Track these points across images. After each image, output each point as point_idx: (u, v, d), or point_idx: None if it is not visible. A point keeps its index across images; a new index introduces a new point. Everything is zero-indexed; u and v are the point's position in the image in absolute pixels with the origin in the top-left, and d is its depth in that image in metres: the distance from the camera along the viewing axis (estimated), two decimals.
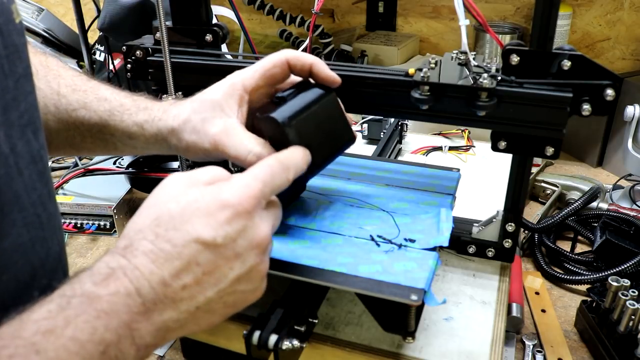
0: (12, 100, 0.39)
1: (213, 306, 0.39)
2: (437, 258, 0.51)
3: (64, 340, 0.32)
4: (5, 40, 0.38)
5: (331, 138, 0.52)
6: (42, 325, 0.32)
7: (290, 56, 0.52)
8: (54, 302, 0.34)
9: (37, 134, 0.43)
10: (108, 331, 0.34)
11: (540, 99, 0.51)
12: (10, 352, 0.31)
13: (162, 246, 0.37)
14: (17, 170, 0.39)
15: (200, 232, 0.38)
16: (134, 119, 0.55)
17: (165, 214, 0.39)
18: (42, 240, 0.43)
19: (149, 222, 0.39)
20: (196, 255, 0.37)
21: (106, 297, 0.35)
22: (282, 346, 0.48)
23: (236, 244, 0.39)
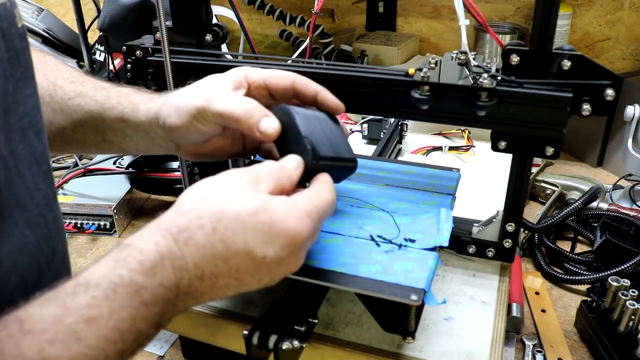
0: (12, 104, 0.39)
1: (228, 294, 0.41)
2: (437, 258, 0.51)
3: (106, 331, 0.33)
4: (7, 44, 0.39)
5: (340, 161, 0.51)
6: (85, 313, 0.33)
7: (298, 80, 0.52)
8: (100, 287, 0.34)
9: (39, 135, 0.43)
10: (143, 322, 0.35)
11: (540, 99, 0.51)
12: (51, 337, 0.31)
13: (216, 244, 0.38)
14: (17, 173, 0.39)
15: (254, 247, 0.39)
16: (130, 99, 0.55)
17: (231, 212, 0.39)
18: (49, 240, 0.43)
19: (212, 212, 0.39)
20: (240, 263, 0.39)
21: (151, 289, 0.36)
22: (282, 346, 0.48)
23: (278, 265, 0.40)
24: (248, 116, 0.47)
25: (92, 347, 0.32)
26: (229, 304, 0.60)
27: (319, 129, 0.49)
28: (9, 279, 0.38)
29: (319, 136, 0.48)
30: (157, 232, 0.38)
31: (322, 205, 0.43)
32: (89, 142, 0.57)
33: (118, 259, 0.36)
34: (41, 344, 0.31)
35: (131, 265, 0.36)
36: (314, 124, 0.50)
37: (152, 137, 0.54)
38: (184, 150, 0.54)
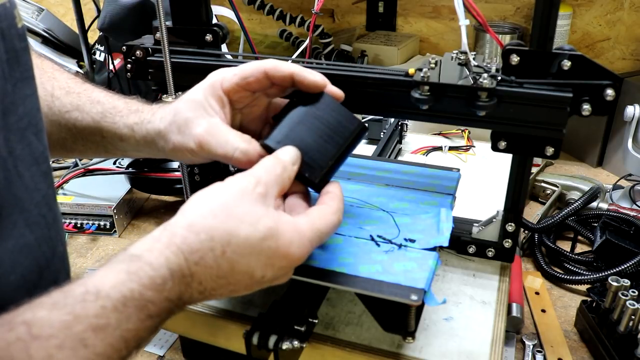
0: (11, 104, 0.39)
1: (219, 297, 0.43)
2: (437, 258, 0.51)
3: (113, 340, 0.34)
4: (7, 45, 0.39)
5: (334, 138, 0.50)
6: (93, 322, 0.33)
7: (269, 67, 0.50)
8: (110, 298, 0.35)
9: (39, 136, 0.43)
10: (146, 331, 0.37)
11: (540, 99, 0.51)
12: (59, 343, 0.32)
13: (223, 265, 0.40)
14: (16, 173, 0.39)
15: (255, 269, 0.41)
16: (125, 121, 0.55)
17: (241, 237, 0.41)
18: (49, 239, 0.43)
19: (222, 234, 0.40)
20: (239, 280, 0.42)
21: (157, 303, 0.37)
22: (282, 346, 0.48)
23: (271, 281, 0.43)
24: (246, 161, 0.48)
25: (98, 354, 0.33)
26: (228, 304, 0.60)
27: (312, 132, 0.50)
28: (8, 278, 0.38)
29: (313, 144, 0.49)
30: (169, 247, 0.39)
31: (325, 229, 0.45)
32: (91, 152, 0.59)
33: (129, 272, 0.37)
34: (49, 350, 0.31)
35: (142, 281, 0.37)
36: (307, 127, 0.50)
37: (154, 154, 0.56)
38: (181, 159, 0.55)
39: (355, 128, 0.51)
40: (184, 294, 0.39)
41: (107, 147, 0.57)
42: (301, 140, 0.49)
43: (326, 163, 0.49)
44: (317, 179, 0.49)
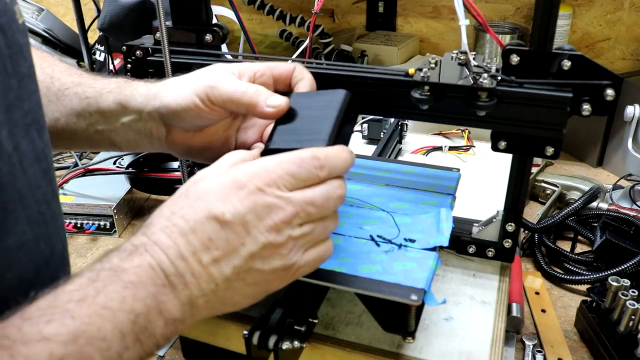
0: (16, 100, 0.39)
1: (233, 284, 0.40)
2: (437, 258, 0.51)
3: (97, 308, 0.34)
4: (8, 40, 0.39)
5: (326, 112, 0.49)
6: (74, 295, 0.34)
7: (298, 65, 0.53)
8: (85, 276, 0.36)
9: (41, 133, 0.43)
10: (136, 301, 0.36)
11: (540, 99, 0.51)
12: (47, 319, 0.33)
13: (176, 221, 0.39)
14: (20, 169, 0.40)
15: (210, 208, 0.39)
16: (130, 83, 0.55)
17: (183, 194, 0.41)
18: (47, 238, 0.43)
19: (168, 203, 0.41)
20: (208, 231, 0.38)
21: (131, 269, 0.37)
22: (282, 346, 0.48)
23: (245, 220, 0.39)
24: (257, 94, 0.48)
25: (87, 324, 0.33)
26: None
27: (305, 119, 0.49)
28: (4, 276, 0.38)
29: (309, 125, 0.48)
30: (133, 236, 0.40)
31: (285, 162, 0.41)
32: (79, 133, 0.56)
33: (100, 259, 0.38)
34: (40, 325, 0.32)
35: (110, 258, 0.38)
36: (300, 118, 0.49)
37: (145, 121, 0.53)
38: (174, 138, 0.54)
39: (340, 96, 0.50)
40: (161, 263, 0.37)
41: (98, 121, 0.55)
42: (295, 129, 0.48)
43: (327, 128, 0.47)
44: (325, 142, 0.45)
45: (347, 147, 0.45)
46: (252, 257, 0.39)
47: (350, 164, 0.44)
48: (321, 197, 0.41)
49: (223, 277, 0.39)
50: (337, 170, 0.43)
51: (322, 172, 0.42)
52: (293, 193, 0.40)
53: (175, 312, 0.38)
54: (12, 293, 0.39)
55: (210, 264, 0.39)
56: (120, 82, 0.56)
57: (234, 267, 0.39)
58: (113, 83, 0.56)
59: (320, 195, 0.41)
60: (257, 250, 0.39)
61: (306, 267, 0.43)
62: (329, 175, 0.42)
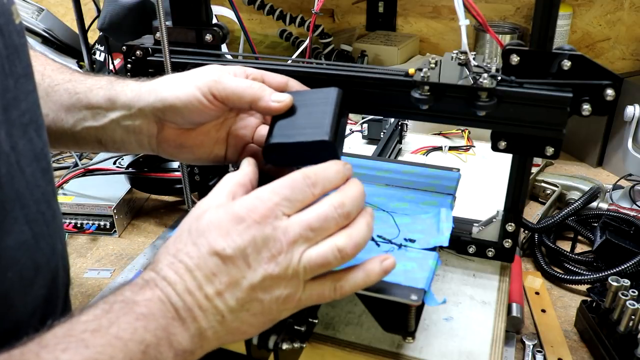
0: (13, 100, 0.39)
1: (239, 315, 0.41)
2: (437, 258, 0.51)
3: (109, 338, 0.35)
4: (5, 40, 0.39)
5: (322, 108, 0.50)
6: (89, 326, 0.36)
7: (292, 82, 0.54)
8: (99, 307, 0.37)
9: (39, 132, 0.43)
10: (147, 332, 0.37)
11: (540, 99, 0.51)
12: (63, 347, 0.34)
13: (182, 258, 0.40)
14: (18, 169, 0.40)
15: (212, 244, 0.40)
16: (122, 80, 0.55)
17: (185, 231, 0.42)
18: (47, 237, 0.43)
19: (172, 241, 0.42)
20: (211, 266, 0.40)
21: (143, 302, 0.38)
22: (282, 346, 0.48)
23: (245, 254, 0.40)
24: (262, 89, 0.49)
25: (100, 353, 0.34)
26: None
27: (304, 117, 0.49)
28: (5, 275, 0.38)
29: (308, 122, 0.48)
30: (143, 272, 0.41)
31: (279, 187, 0.41)
32: (66, 130, 0.56)
33: (113, 291, 0.40)
34: (56, 353, 0.34)
35: (123, 291, 0.39)
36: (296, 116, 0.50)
37: (135, 117, 0.53)
38: (165, 136, 0.53)
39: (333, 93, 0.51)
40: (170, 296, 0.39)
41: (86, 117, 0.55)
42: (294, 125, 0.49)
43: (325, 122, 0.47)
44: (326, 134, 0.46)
45: (338, 160, 0.45)
46: (253, 288, 0.40)
47: (344, 175, 0.44)
48: (317, 219, 0.41)
49: (228, 309, 0.40)
50: (331, 183, 0.43)
51: (316, 190, 0.42)
52: (290, 220, 0.41)
53: (185, 343, 0.39)
54: (12, 292, 0.39)
55: (215, 296, 0.40)
56: (112, 79, 0.56)
57: (237, 299, 0.40)
58: (104, 80, 0.56)
59: (317, 218, 0.41)
60: (257, 282, 0.40)
61: (309, 301, 0.43)
62: (325, 190, 0.43)
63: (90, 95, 0.54)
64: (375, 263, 0.43)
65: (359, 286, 0.43)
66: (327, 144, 0.46)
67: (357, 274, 0.43)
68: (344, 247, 0.41)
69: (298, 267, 0.41)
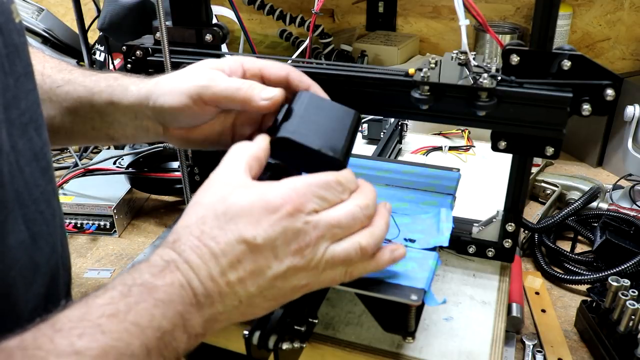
0: (13, 99, 0.40)
1: (254, 300, 0.41)
2: (437, 258, 0.51)
3: (127, 325, 0.35)
4: (5, 39, 0.39)
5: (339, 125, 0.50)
6: (106, 310, 0.35)
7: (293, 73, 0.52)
8: (116, 289, 0.36)
9: (39, 131, 0.43)
10: (165, 319, 0.36)
11: (540, 99, 0.51)
12: (79, 332, 0.33)
13: (208, 243, 0.39)
14: (17, 168, 0.40)
15: (242, 232, 0.39)
16: (120, 81, 0.55)
17: (211, 212, 0.40)
18: (47, 236, 0.43)
19: (195, 220, 0.40)
20: (238, 254, 0.39)
21: (163, 287, 0.37)
22: (282, 346, 0.48)
23: (275, 244, 0.40)
24: (251, 89, 0.48)
25: (117, 339, 0.34)
26: None
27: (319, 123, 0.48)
28: (9, 273, 0.39)
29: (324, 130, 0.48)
30: (159, 248, 0.40)
31: (314, 182, 0.42)
32: (76, 131, 0.57)
33: (131, 270, 0.38)
34: (71, 338, 0.33)
35: (141, 271, 0.38)
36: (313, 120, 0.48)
37: (141, 119, 0.54)
38: (171, 134, 0.54)
39: (354, 116, 0.51)
40: (191, 281, 0.38)
41: (94, 119, 0.55)
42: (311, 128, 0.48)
43: (342, 142, 0.48)
44: (340, 156, 0.47)
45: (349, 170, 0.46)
46: (275, 278, 0.40)
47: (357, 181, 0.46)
48: (346, 218, 0.42)
49: (247, 295, 0.40)
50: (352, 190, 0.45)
51: (344, 195, 0.44)
52: (320, 215, 0.41)
53: (199, 328, 0.39)
54: (15, 290, 0.39)
55: (236, 283, 0.39)
56: (110, 79, 0.55)
57: (258, 286, 0.40)
58: (102, 81, 0.55)
59: (345, 216, 0.42)
60: (281, 273, 0.40)
61: (321, 286, 0.44)
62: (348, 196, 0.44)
63: (92, 99, 0.55)
64: (386, 252, 0.45)
65: (368, 271, 0.45)
66: (339, 164, 0.47)
67: (369, 262, 0.44)
68: (366, 245, 0.43)
69: (321, 260, 0.41)
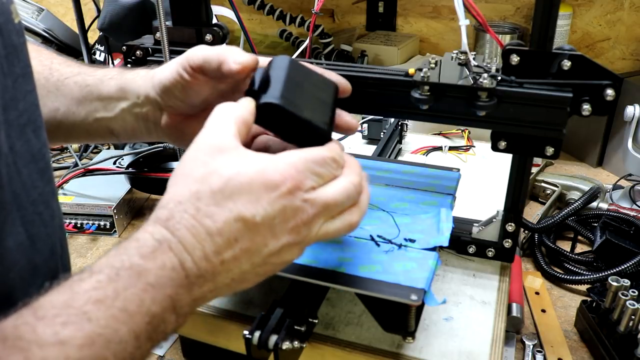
0: (11, 100, 0.39)
1: (246, 276, 0.40)
2: (437, 258, 0.51)
3: (114, 311, 0.34)
4: (4, 40, 0.39)
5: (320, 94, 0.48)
6: (92, 295, 0.34)
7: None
8: (103, 272, 0.35)
9: (37, 132, 0.43)
10: (154, 304, 0.35)
11: (540, 99, 0.51)
12: (63, 320, 0.32)
13: (204, 222, 0.38)
14: (15, 170, 0.40)
15: (241, 210, 0.38)
16: (132, 69, 0.55)
17: (207, 187, 0.38)
18: (46, 237, 0.43)
19: (189, 195, 0.38)
20: (235, 232, 0.38)
21: (153, 270, 0.36)
22: (282, 346, 0.48)
23: (273, 223, 0.39)
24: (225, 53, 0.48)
25: (103, 327, 0.33)
26: (229, 304, 0.60)
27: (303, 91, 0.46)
28: (7, 276, 0.38)
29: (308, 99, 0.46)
30: (149, 225, 0.38)
31: (311, 157, 0.41)
32: (78, 123, 0.56)
33: (118, 250, 0.37)
34: (55, 327, 0.32)
35: (130, 252, 0.36)
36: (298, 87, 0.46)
37: (143, 104, 0.53)
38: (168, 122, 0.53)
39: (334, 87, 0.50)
40: (185, 262, 0.37)
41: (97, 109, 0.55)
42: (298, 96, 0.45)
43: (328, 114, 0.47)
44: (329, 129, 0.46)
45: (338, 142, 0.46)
46: (270, 255, 0.40)
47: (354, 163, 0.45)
48: (341, 195, 0.42)
49: (240, 272, 0.39)
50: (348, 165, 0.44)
51: (338, 172, 0.43)
52: (317, 193, 0.41)
53: (187, 308, 0.38)
54: (15, 292, 0.39)
55: (230, 261, 0.38)
56: (122, 69, 0.56)
57: (252, 263, 0.40)
58: (114, 70, 0.56)
59: (341, 194, 0.42)
60: (276, 250, 0.40)
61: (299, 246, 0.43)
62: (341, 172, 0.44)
63: (101, 86, 0.54)
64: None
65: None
66: (326, 137, 0.45)
67: None
68: (355, 223, 0.43)
69: (314, 237, 0.41)
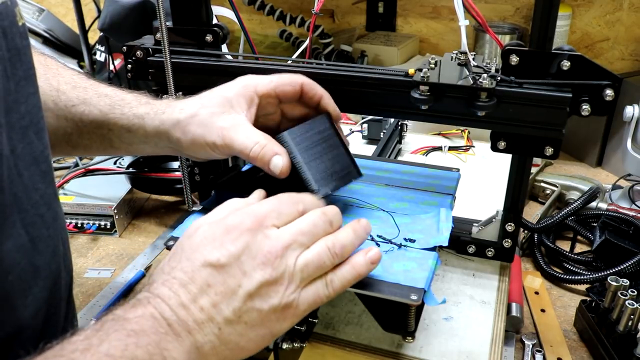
0: (13, 103, 0.40)
1: (236, 328, 0.40)
2: (437, 258, 0.52)
3: (100, 356, 0.34)
4: (8, 43, 0.39)
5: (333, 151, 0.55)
6: (80, 345, 0.35)
7: (306, 82, 0.54)
8: (90, 327, 0.37)
9: (40, 135, 0.43)
10: (139, 348, 0.36)
11: (539, 99, 0.51)
12: None
13: (176, 274, 0.40)
14: (16, 172, 0.40)
15: (206, 256, 0.40)
16: (135, 111, 0.55)
17: (179, 248, 0.42)
18: (47, 239, 0.43)
19: (167, 260, 0.42)
20: (206, 277, 0.40)
21: (134, 319, 0.37)
22: (282, 346, 0.48)
23: (240, 261, 0.40)
24: (261, 155, 0.50)
25: None
26: None
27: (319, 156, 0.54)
28: (6, 278, 0.38)
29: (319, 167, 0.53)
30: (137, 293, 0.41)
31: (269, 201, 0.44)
32: (95, 148, 0.59)
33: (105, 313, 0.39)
34: None
35: (114, 311, 0.39)
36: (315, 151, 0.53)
37: (161, 147, 0.56)
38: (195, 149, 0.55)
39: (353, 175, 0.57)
40: (163, 311, 0.38)
41: (112, 140, 0.57)
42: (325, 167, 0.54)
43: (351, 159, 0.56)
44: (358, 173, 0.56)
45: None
46: (250, 296, 0.40)
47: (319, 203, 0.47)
48: (307, 225, 0.43)
49: (224, 320, 0.39)
50: (312, 205, 0.46)
51: (300, 207, 0.45)
52: (281, 229, 0.43)
53: (181, 359, 0.38)
54: (14, 294, 0.39)
55: (210, 308, 0.39)
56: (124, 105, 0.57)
57: (233, 309, 0.39)
58: (117, 107, 0.56)
59: (306, 223, 0.43)
60: (254, 289, 0.40)
61: (306, 305, 0.42)
62: (306, 210, 0.45)
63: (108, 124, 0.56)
64: (360, 255, 0.45)
65: (348, 279, 0.44)
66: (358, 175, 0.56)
67: (344, 267, 0.44)
68: (332, 245, 0.43)
69: (294, 270, 0.41)
